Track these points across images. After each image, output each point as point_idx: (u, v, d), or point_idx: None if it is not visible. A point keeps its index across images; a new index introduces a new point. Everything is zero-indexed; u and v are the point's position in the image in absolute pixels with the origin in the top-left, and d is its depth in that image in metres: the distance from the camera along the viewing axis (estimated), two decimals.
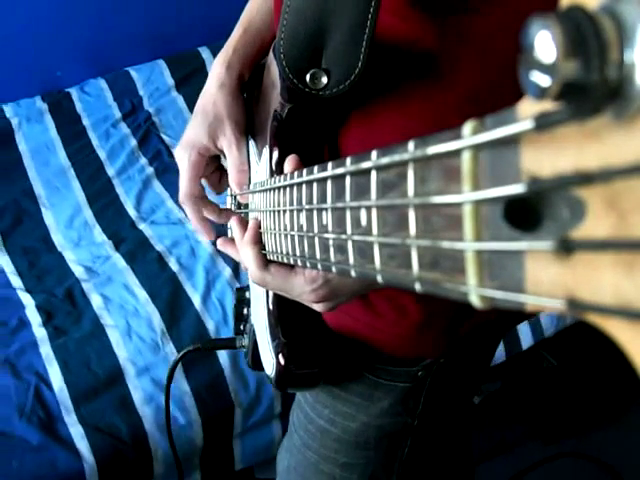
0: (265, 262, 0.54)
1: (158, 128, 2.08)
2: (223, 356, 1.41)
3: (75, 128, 2.08)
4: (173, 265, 1.61)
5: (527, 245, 0.18)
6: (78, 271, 1.63)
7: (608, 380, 1.71)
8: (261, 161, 0.63)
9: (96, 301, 1.54)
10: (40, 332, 1.47)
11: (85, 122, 2.10)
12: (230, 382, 1.39)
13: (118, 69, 2.26)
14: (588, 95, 0.15)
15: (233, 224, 0.60)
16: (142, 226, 1.75)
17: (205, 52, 2.28)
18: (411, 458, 0.75)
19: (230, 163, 0.68)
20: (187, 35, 2.34)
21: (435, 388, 0.70)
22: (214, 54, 2.24)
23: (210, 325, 1.47)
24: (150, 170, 1.93)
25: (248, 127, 0.69)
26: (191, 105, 2.12)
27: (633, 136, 0.15)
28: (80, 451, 1.28)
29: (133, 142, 2.03)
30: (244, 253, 0.56)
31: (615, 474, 1.59)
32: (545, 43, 0.15)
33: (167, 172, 1.91)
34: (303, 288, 0.51)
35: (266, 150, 0.59)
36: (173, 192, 1.83)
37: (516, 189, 0.18)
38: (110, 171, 1.94)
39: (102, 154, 1.99)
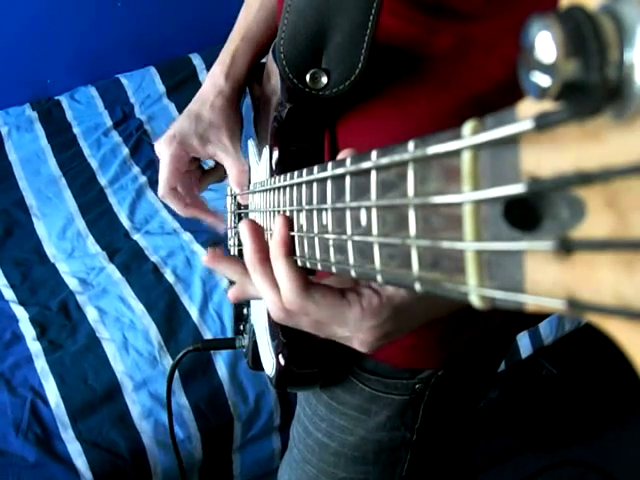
0: (308, 284, 0.39)
1: (150, 136, 2.04)
2: (222, 369, 1.40)
3: (66, 136, 2.05)
4: (169, 276, 1.59)
5: (527, 245, 0.18)
6: (72, 283, 1.59)
7: (608, 388, 1.72)
8: (261, 161, 0.63)
9: (91, 314, 1.51)
10: (34, 346, 1.44)
11: (76, 130, 2.07)
12: (229, 396, 1.37)
13: (108, 76, 2.23)
14: (588, 95, 0.15)
15: (243, 230, 0.42)
16: (136, 236, 1.73)
17: (196, 59, 2.25)
18: (411, 474, 0.74)
19: (230, 165, 0.68)
20: (178, 41, 2.32)
21: (434, 401, 0.69)
22: (205, 61, 2.23)
23: (208, 337, 1.45)
24: (143, 179, 1.90)
25: (248, 127, 0.69)
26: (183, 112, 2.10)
27: (633, 136, 0.15)
28: (78, 468, 1.26)
29: (125, 151, 1.99)
30: (277, 269, 0.40)
31: None
32: (545, 43, 0.15)
33: None
34: (360, 324, 0.39)
35: (266, 150, 0.59)
36: None
37: (516, 189, 0.18)
38: (102, 180, 1.91)
39: (94, 163, 1.96)
